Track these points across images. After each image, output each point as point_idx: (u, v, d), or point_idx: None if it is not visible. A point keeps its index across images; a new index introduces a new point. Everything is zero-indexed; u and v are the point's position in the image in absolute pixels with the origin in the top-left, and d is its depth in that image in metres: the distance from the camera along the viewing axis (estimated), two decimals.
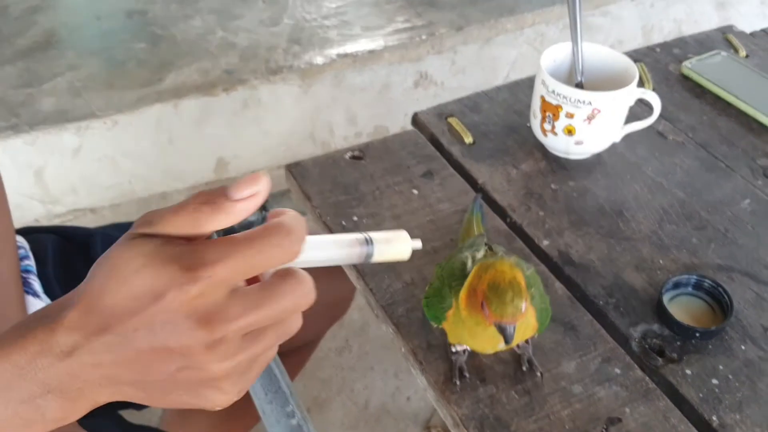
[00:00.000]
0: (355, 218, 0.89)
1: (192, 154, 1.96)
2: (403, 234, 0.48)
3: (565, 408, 0.71)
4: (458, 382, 0.72)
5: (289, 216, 0.43)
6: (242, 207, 0.42)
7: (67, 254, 0.92)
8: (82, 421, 0.80)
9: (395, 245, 0.47)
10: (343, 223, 0.88)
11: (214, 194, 0.42)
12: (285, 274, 0.43)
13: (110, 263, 0.41)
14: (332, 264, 0.47)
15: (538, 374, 0.73)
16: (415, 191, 0.93)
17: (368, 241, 0.46)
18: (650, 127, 1.01)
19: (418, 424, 1.54)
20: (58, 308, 0.42)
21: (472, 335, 0.68)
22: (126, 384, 0.42)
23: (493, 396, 0.72)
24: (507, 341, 0.63)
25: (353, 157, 0.98)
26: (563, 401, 0.71)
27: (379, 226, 0.88)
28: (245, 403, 0.69)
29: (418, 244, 0.48)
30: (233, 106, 1.96)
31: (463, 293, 0.66)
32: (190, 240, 0.42)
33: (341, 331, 1.68)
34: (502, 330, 0.63)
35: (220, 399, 0.43)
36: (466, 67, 2.16)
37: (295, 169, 0.95)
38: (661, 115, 1.03)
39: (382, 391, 1.57)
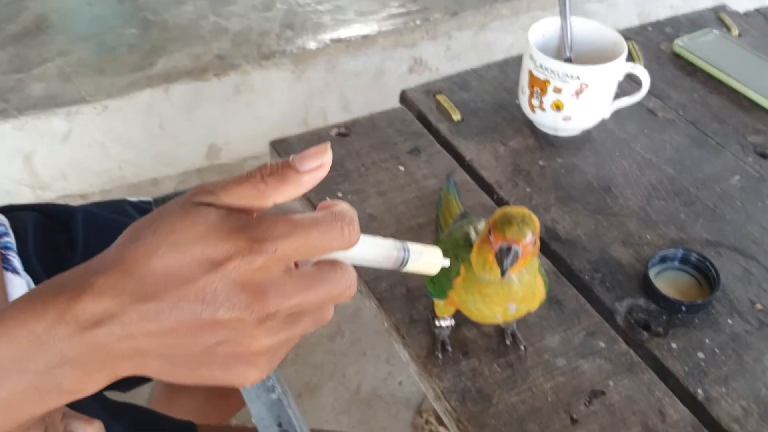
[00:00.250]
0: (340, 194, 0.88)
1: (183, 140, 1.95)
2: (437, 250, 0.50)
3: (547, 381, 0.70)
4: (440, 356, 0.71)
5: (347, 206, 0.43)
6: (308, 179, 0.41)
7: (48, 231, 0.91)
8: None
9: (427, 258, 0.49)
10: (328, 198, 0.87)
11: (281, 166, 0.41)
12: (334, 263, 0.42)
13: (166, 226, 0.39)
14: (367, 264, 0.47)
15: (522, 348, 0.72)
16: (402, 168, 0.92)
17: (405, 250, 0.48)
18: (640, 105, 1.00)
19: (410, 408, 1.53)
20: (84, 273, 0.40)
21: (483, 296, 0.65)
22: (154, 357, 0.40)
23: (475, 369, 0.71)
24: (505, 266, 0.59)
25: (339, 134, 0.96)
26: (546, 374, 0.71)
27: (364, 203, 0.87)
28: None
29: (446, 262, 0.50)
30: (225, 91, 1.94)
31: (476, 246, 0.64)
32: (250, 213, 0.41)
33: (334, 317, 1.67)
34: (503, 254, 0.59)
35: (254, 375, 0.42)
36: (461, 53, 2.14)
37: (279, 146, 0.94)
38: (651, 93, 1.02)
39: (374, 376, 1.56)
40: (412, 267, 0.48)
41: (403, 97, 1.04)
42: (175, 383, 0.42)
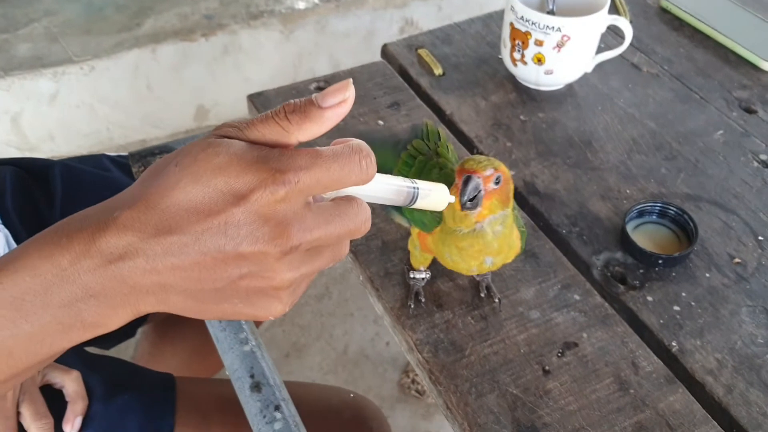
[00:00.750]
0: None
1: (171, 100, 1.93)
2: (443, 187, 0.51)
3: (521, 333, 0.70)
4: (413, 306, 0.71)
5: (362, 141, 0.42)
6: (331, 114, 0.41)
7: (26, 185, 0.91)
8: None
9: (436, 194, 0.50)
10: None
11: (304, 103, 0.40)
12: (350, 198, 0.43)
13: (188, 157, 0.39)
14: (379, 201, 0.47)
15: (496, 300, 0.72)
16: (381, 122, 0.91)
17: (415, 187, 0.49)
18: (624, 59, 0.99)
19: (396, 368, 1.54)
20: (108, 208, 0.40)
21: (458, 249, 0.64)
22: (178, 292, 0.40)
23: (449, 321, 0.71)
24: (464, 198, 0.58)
25: (319, 88, 0.95)
26: (520, 326, 0.70)
27: None
28: None
29: (452, 198, 0.52)
30: (213, 52, 1.92)
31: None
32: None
33: (321, 278, 1.67)
34: (465, 183, 0.58)
35: (278, 309, 0.42)
36: (452, 14, 2.12)
37: (257, 99, 0.93)
38: (636, 48, 1.01)
39: (361, 336, 1.57)
40: (422, 203, 0.50)
41: (385, 52, 1.02)
42: (196, 318, 0.42)
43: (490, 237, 0.63)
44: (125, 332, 1.04)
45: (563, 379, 0.67)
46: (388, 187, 0.47)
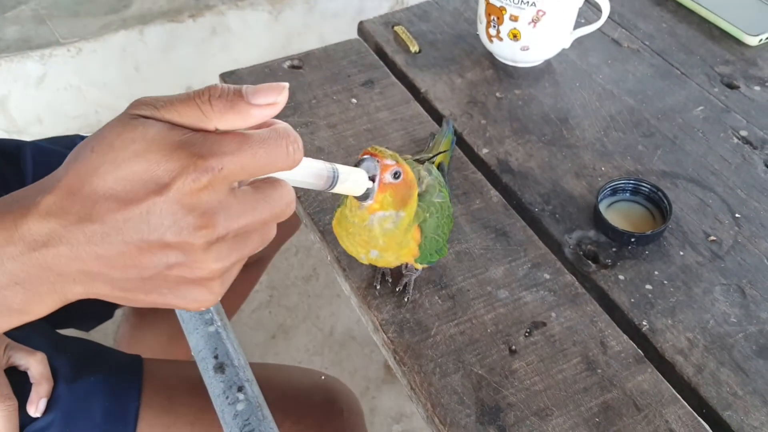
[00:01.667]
0: None
1: (159, 82, 1.92)
2: (362, 172, 0.53)
3: (488, 312, 0.69)
4: (378, 287, 0.70)
5: (287, 125, 0.41)
6: (257, 113, 0.38)
7: None
8: (12, 333, 0.79)
9: (354, 179, 0.51)
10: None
11: (232, 92, 0.38)
12: (274, 182, 0.41)
13: (104, 142, 0.37)
14: (298, 185, 0.46)
15: (406, 299, 0.69)
16: (354, 100, 0.89)
17: (335, 171, 0.48)
18: (604, 35, 0.97)
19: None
20: (32, 192, 0.38)
21: (348, 234, 0.62)
22: (104, 281, 0.39)
23: (415, 301, 0.69)
24: (366, 164, 0.56)
25: (292, 66, 0.94)
26: (487, 306, 0.69)
27: (313, 135, 0.84)
28: None
29: (370, 184, 0.54)
30: (201, 33, 1.91)
31: None
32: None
33: (309, 259, 1.66)
34: (361, 161, 0.56)
35: (208, 299, 0.41)
36: None
37: (229, 78, 0.91)
38: (617, 23, 0.99)
39: (348, 317, 1.56)
40: (340, 188, 0.49)
41: (361, 29, 1.01)
42: (134, 306, 0.41)
43: (376, 231, 0.60)
44: (103, 314, 1.03)
45: (530, 359, 0.65)
46: (309, 171, 0.46)
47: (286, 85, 0.40)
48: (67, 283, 0.39)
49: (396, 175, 0.57)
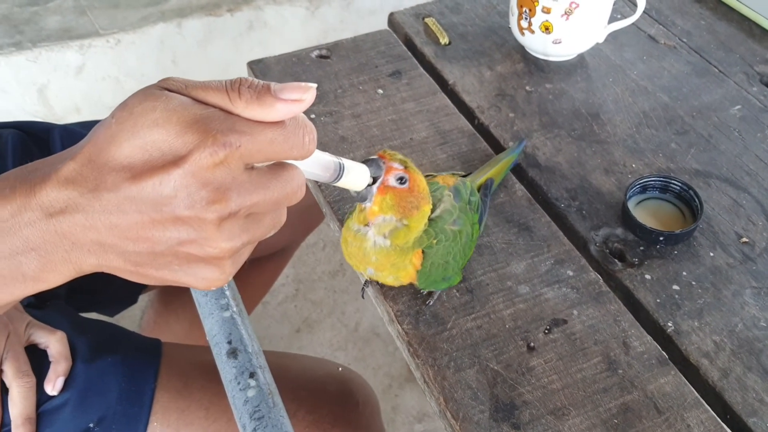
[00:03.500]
0: (313, 116, 0.84)
1: (196, 75, 1.92)
2: (365, 168, 0.53)
3: (508, 307, 0.67)
4: (363, 297, 0.69)
5: (305, 117, 0.41)
6: (282, 108, 0.38)
7: (27, 148, 0.91)
8: (34, 312, 0.79)
9: (356, 174, 0.51)
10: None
11: (261, 85, 0.38)
12: (286, 165, 0.41)
13: (125, 110, 0.37)
14: (307, 176, 0.46)
15: (428, 303, 0.67)
16: (380, 91, 0.88)
17: (341, 164, 0.49)
18: (641, 31, 0.94)
19: None
20: (55, 160, 0.38)
21: (346, 243, 0.62)
22: (117, 253, 0.39)
23: (432, 294, 0.68)
24: (370, 167, 0.55)
25: (320, 56, 0.93)
26: (507, 301, 0.67)
27: (336, 124, 0.84)
28: None
29: (371, 180, 0.54)
30: (238, 27, 1.91)
31: None
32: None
33: (336, 254, 1.66)
34: (371, 161, 0.55)
35: (219, 278, 0.40)
36: None
37: (256, 66, 0.91)
38: (654, 19, 0.97)
39: (373, 314, 1.55)
40: (343, 181, 0.49)
41: (391, 20, 1.00)
42: (137, 282, 0.41)
43: (369, 245, 0.59)
44: (127, 299, 1.03)
45: (548, 356, 0.64)
46: (318, 162, 0.46)
47: (314, 85, 0.40)
48: (82, 252, 0.39)
49: (401, 180, 0.56)
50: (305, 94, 0.39)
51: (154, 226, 0.37)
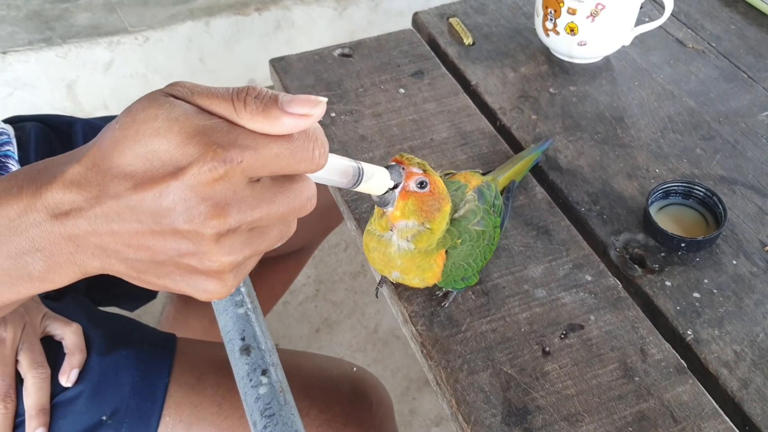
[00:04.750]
0: (333, 114, 0.84)
1: (223, 74, 1.94)
2: (385, 172, 0.52)
3: (524, 311, 0.66)
4: (377, 297, 0.68)
5: (318, 127, 0.40)
6: (288, 122, 0.37)
7: (49, 141, 0.91)
8: (50, 304, 0.80)
9: (377, 179, 0.50)
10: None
11: (269, 96, 0.37)
12: (294, 176, 0.40)
13: (129, 115, 0.37)
14: (322, 182, 0.45)
15: (443, 305, 0.66)
16: (402, 90, 0.88)
17: (360, 169, 0.47)
18: (668, 35, 0.93)
19: None
20: (63, 160, 0.38)
21: (368, 248, 0.61)
22: (120, 259, 0.39)
23: (448, 295, 0.67)
24: (391, 172, 0.54)
25: (343, 55, 0.93)
26: (523, 304, 0.66)
27: (357, 123, 0.83)
28: None
29: (392, 184, 0.54)
30: (266, 27, 1.92)
31: None
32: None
33: (357, 256, 1.65)
34: (390, 167, 0.55)
35: (220, 291, 0.40)
36: None
37: (278, 64, 0.91)
38: (683, 23, 0.95)
39: (392, 317, 1.54)
40: (364, 186, 0.48)
41: (415, 20, 0.99)
42: (148, 288, 0.41)
43: (393, 249, 0.59)
44: (146, 294, 1.04)
45: (563, 361, 0.63)
46: (335, 168, 0.44)
47: (324, 99, 0.39)
48: (86, 256, 0.39)
49: (422, 185, 0.56)
50: (314, 108, 0.37)
51: (153, 236, 0.37)
